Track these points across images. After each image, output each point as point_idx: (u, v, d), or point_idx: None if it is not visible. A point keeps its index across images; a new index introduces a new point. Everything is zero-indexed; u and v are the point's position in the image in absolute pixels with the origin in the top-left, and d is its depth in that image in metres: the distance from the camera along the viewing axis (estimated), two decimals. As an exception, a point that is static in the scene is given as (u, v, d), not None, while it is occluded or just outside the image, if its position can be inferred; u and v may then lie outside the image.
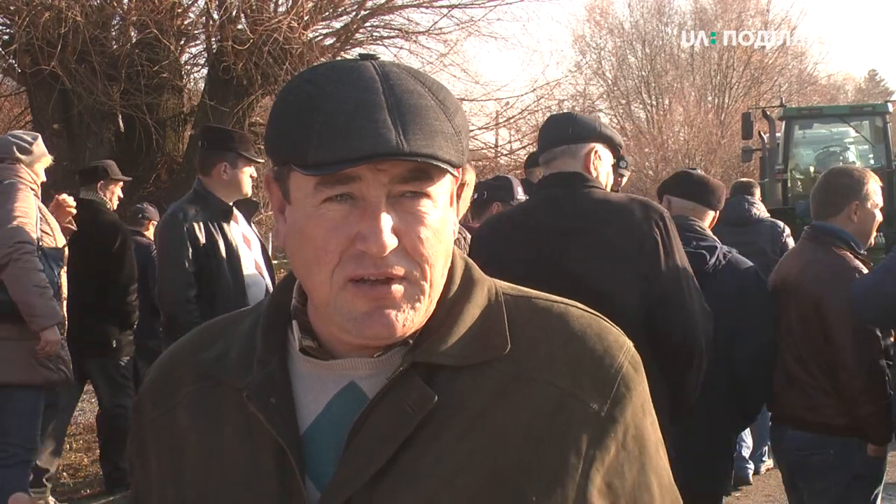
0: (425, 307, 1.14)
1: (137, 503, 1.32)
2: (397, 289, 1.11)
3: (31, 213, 4.79)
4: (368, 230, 1.08)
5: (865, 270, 3.80)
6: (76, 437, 7.72)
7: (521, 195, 4.97)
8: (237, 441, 1.18)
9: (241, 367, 1.20)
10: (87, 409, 8.30)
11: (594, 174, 3.29)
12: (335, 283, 1.11)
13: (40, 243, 4.84)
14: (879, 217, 4.02)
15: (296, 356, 1.21)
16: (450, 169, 1.10)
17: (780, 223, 7.17)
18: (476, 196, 4.79)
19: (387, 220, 1.08)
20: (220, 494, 1.18)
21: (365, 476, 1.11)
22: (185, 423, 1.23)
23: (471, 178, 4.50)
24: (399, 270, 1.10)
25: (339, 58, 11.35)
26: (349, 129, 1.06)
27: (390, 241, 1.08)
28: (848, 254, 3.81)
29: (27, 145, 5.06)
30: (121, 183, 6.69)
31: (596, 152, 3.30)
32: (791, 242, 6.86)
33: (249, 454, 1.17)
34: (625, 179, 8.46)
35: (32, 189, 4.95)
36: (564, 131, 3.32)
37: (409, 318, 1.12)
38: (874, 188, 4.01)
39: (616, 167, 8.18)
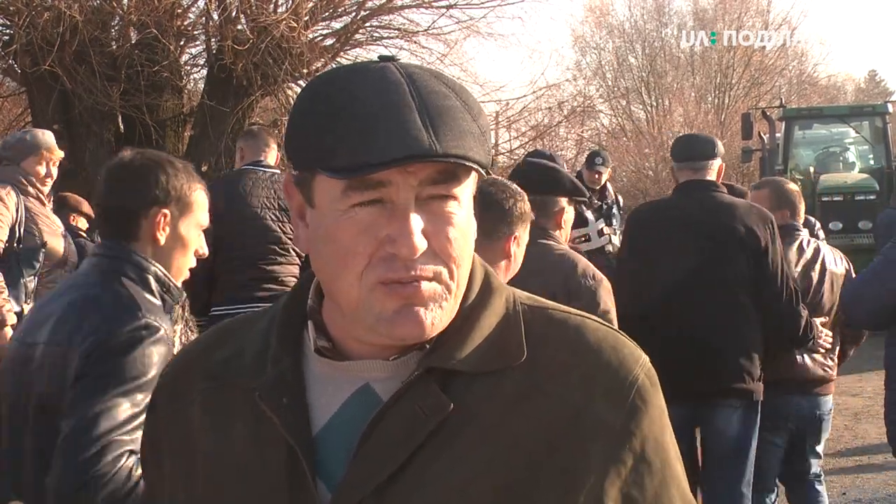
0: (451, 307, 1.13)
1: (151, 501, 1.32)
2: (426, 287, 1.10)
3: (4, 214, 4.82)
4: (399, 233, 1.07)
5: None
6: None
7: None
8: (248, 441, 1.18)
9: (255, 367, 1.20)
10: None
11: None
12: (365, 286, 1.10)
13: (19, 245, 4.87)
14: None
15: (311, 357, 1.20)
16: (480, 169, 1.09)
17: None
18: None
19: (417, 223, 1.08)
20: (230, 494, 1.18)
21: (375, 481, 1.10)
22: (197, 422, 1.23)
23: None
24: (428, 272, 1.10)
25: (339, 58, 11.37)
26: (378, 132, 1.05)
27: (421, 244, 1.08)
28: None
29: (8, 143, 5.17)
30: None
31: (722, 166, 4.47)
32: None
33: (260, 454, 1.16)
34: (605, 176, 8.48)
35: (22, 189, 4.98)
36: (709, 148, 4.46)
37: (438, 317, 1.12)
38: None
39: (592, 163, 8.48)
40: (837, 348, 4.63)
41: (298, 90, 11.05)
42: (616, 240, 8.35)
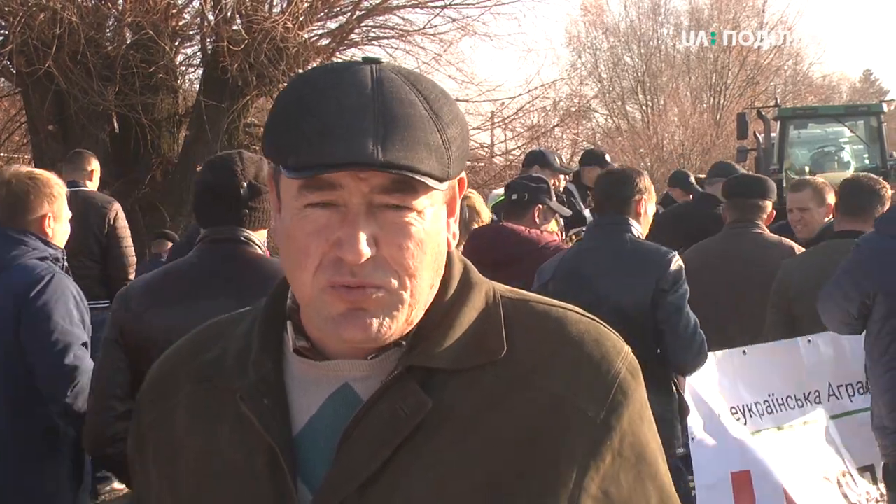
0: (405, 316, 1.12)
1: (139, 502, 1.32)
2: (374, 295, 1.10)
3: None
4: (346, 237, 1.07)
5: None
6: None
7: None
8: (232, 443, 1.18)
9: (237, 369, 1.20)
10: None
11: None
12: (315, 286, 1.10)
13: None
14: None
15: (290, 357, 1.20)
16: (429, 182, 1.08)
17: None
18: (515, 197, 4.70)
19: (365, 229, 1.08)
20: (214, 496, 1.18)
21: (356, 481, 1.10)
22: (181, 425, 1.23)
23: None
24: (376, 280, 1.09)
25: (334, 58, 11.36)
26: (329, 134, 1.05)
27: (366, 250, 1.07)
28: None
29: None
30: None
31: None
32: None
33: (243, 456, 1.17)
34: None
35: None
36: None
37: (387, 325, 1.11)
38: None
39: (606, 162, 8.43)
40: None
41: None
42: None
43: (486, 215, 5.32)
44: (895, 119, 24.04)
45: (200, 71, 11.64)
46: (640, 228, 3.99)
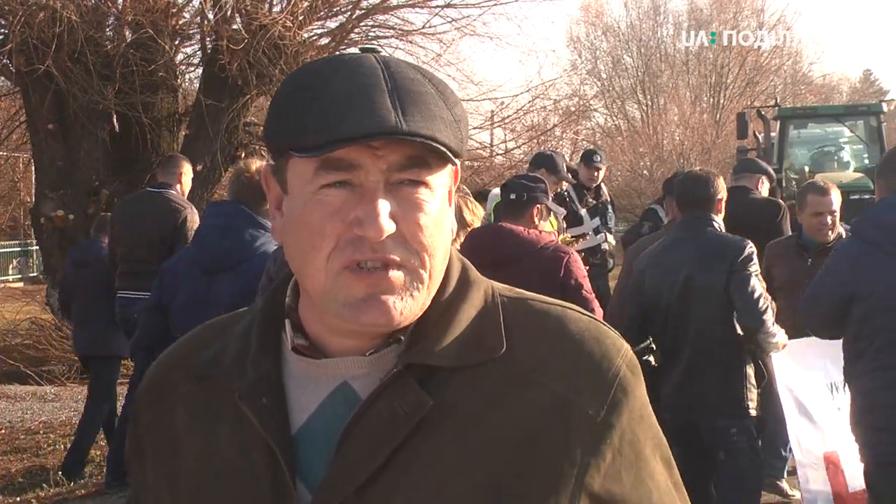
0: (423, 297, 1.13)
1: (136, 503, 1.32)
2: (395, 275, 1.10)
3: None
4: (365, 214, 1.07)
5: None
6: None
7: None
8: (231, 442, 1.18)
9: (236, 368, 1.20)
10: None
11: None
12: (331, 270, 1.10)
13: None
14: None
15: (289, 356, 1.20)
16: (448, 154, 1.10)
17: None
18: (513, 196, 4.70)
19: (384, 205, 1.08)
20: (213, 495, 1.17)
21: (356, 481, 1.10)
22: (180, 425, 1.23)
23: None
24: (397, 257, 1.09)
25: (334, 57, 11.34)
26: (349, 109, 1.06)
27: (388, 226, 1.07)
28: None
29: None
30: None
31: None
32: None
33: (242, 455, 1.16)
34: (601, 174, 8.41)
35: None
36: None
37: (407, 307, 1.11)
38: None
39: (591, 160, 8.27)
40: None
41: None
42: (611, 238, 8.34)
43: (471, 218, 5.01)
44: (895, 119, 24.06)
45: (200, 70, 11.64)
46: (720, 222, 4.86)
